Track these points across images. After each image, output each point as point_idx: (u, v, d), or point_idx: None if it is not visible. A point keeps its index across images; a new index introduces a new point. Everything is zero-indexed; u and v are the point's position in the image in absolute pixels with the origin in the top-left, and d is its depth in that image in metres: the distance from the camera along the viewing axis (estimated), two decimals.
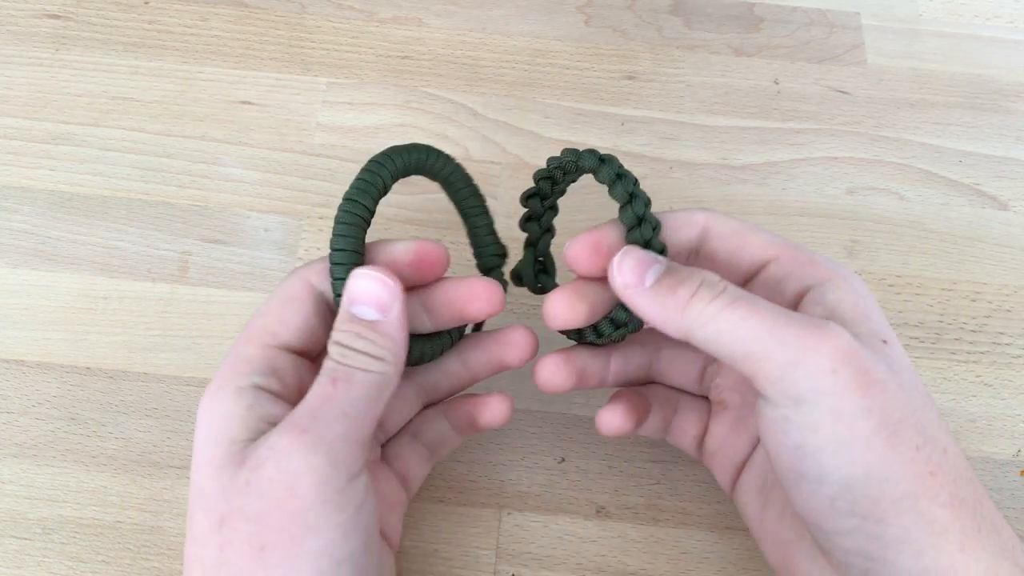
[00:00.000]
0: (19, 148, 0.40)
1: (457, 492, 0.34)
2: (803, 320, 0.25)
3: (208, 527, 0.25)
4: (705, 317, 0.25)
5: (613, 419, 0.30)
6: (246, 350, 0.27)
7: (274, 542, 0.24)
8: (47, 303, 0.37)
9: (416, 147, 0.30)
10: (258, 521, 0.24)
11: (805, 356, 0.24)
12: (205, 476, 0.25)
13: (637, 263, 0.27)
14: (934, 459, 0.24)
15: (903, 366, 0.25)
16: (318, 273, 0.28)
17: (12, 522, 0.33)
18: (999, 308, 0.39)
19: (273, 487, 0.24)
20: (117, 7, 0.44)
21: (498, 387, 0.36)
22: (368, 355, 0.26)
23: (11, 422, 0.34)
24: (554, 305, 0.28)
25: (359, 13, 0.45)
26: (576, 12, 0.46)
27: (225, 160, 0.40)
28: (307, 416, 0.25)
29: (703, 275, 0.26)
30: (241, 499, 0.24)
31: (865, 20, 0.46)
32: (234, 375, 0.26)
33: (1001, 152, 0.42)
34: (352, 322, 0.26)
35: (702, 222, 0.28)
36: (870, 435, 0.24)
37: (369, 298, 0.26)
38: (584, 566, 0.33)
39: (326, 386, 0.25)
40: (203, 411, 0.26)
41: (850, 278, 0.27)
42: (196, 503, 0.25)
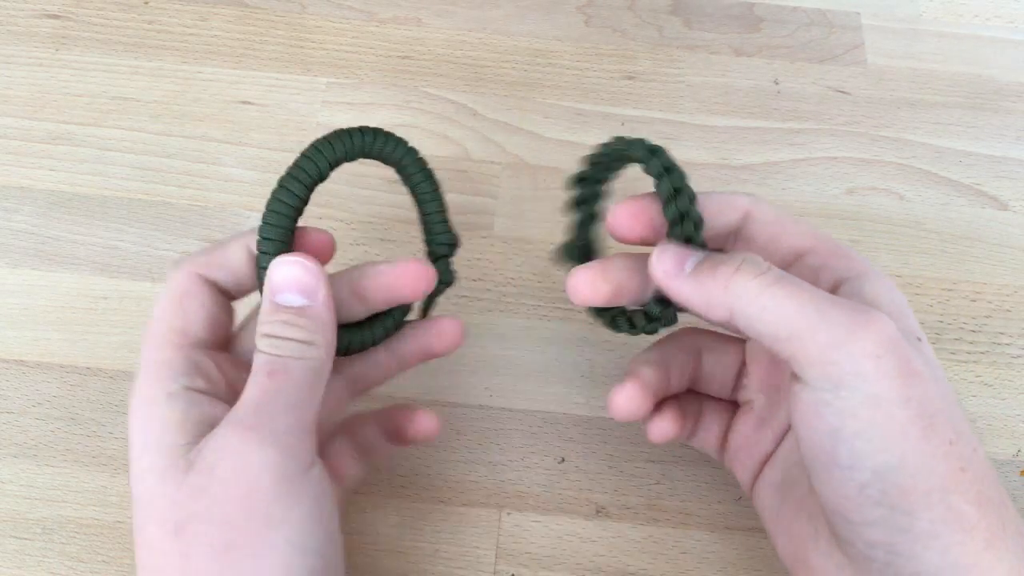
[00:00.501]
0: (19, 148, 0.40)
1: (457, 492, 0.34)
2: (849, 304, 0.24)
3: (164, 536, 0.24)
4: (751, 293, 0.25)
5: (665, 426, 0.30)
6: (161, 354, 0.26)
7: (239, 541, 0.24)
8: (47, 303, 0.37)
9: (363, 130, 0.29)
10: (220, 523, 0.24)
11: (850, 338, 0.24)
12: (149, 485, 0.25)
13: (678, 252, 0.27)
14: (966, 455, 0.24)
15: (936, 364, 0.26)
16: (204, 264, 0.27)
17: (12, 522, 0.33)
18: (999, 308, 0.39)
19: (229, 487, 0.24)
20: (117, 7, 0.44)
21: (497, 387, 0.36)
22: (300, 342, 0.26)
23: (11, 422, 0.34)
24: (577, 281, 0.28)
25: (359, 13, 0.45)
26: (576, 12, 0.46)
27: (225, 160, 0.40)
28: (252, 412, 0.25)
29: (747, 255, 0.26)
30: (196, 504, 0.24)
31: (865, 20, 0.46)
32: (159, 381, 0.25)
33: (1001, 152, 0.42)
34: (279, 311, 0.26)
35: (744, 207, 0.28)
36: (907, 424, 0.24)
37: (293, 284, 0.26)
38: (584, 566, 0.33)
39: (264, 380, 0.25)
40: (135, 421, 0.25)
41: (883, 276, 0.27)
42: (144, 513, 0.25)
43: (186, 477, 0.24)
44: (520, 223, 0.40)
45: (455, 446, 0.35)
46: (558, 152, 0.41)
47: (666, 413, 0.30)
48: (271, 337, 0.26)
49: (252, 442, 0.24)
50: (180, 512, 0.24)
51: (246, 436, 0.24)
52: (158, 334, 0.26)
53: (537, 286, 0.38)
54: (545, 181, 0.41)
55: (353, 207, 0.39)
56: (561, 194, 0.40)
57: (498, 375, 0.36)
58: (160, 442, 0.25)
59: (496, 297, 0.38)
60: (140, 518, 0.25)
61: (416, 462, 0.34)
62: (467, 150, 0.41)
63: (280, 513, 0.24)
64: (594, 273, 0.28)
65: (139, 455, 0.25)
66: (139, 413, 0.25)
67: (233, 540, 0.24)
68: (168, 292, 0.27)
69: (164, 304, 0.27)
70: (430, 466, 0.34)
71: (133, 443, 0.25)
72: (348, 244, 0.39)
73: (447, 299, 0.37)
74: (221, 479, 0.24)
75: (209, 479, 0.24)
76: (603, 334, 0.37)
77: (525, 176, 0.41)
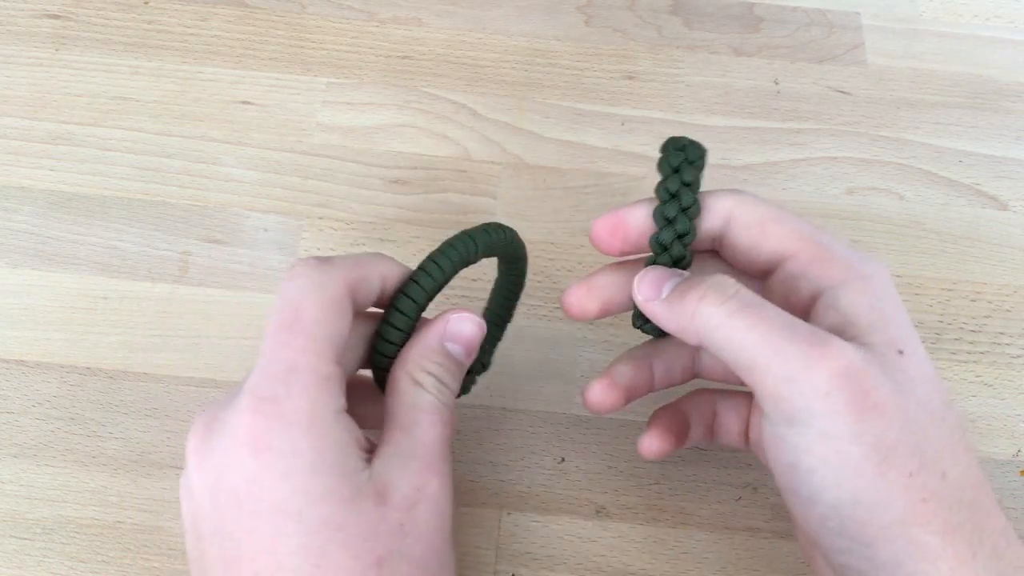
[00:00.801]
0: (19, 148, 0.40)
1: (458, 492, 0.34)
2: (807, 334, 0.24)
3: (362, 567, 0.23)
4: (714, 322, 0.25)
5: (652, 443, 0.30)
6: (324, 368, 0.24)
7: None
8: (47, 303, 0.37)
9: (506, 230, 0.29)
10: (419, 565, 0.24)
11: (800, 374, 0.24)
12: (334, 510, 0.23)
13: (657, 277, 0.27)
14: (929, 485, 0.24)
15: (920, 377, 0.25)
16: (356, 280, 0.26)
17: (12, 522, 0.33)
18: (999, 308, 0.39)
19: (430, 532, 0.25)
20: (117, 7, 0.44)
21: (497, 387, 0.36)
22: (453, 394, 0.27)
23: (11, 422, 0.34)
24: (567, 298, 0.29)
25: (359, 13, 0.45)
26: (576, 12, 0.46)
27: (225, 160, 0.40)
28: (441, 460, 0.26)
29: (715, 279, 0.26)
30: (398, 541, 0.24)
31: (865, 20, 0.46)
32: (328, 397, 0.24)
33: (1001, 152, 0.42)
34: (449, 358, 0.27)
35: (727, 211, 0.28)
36: (860, 461, 0.23)
37: (467, 342, 0.28)
38: (584, 566, 0.33)
39: (443, 428, 0.26)
40: (300, 437, 0.23)
41: (872, 277, 0.26)
42: (327, 536, 0.23)
43: (384, 510, 0.24)
44: (520, 223, 0.39)
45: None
46: (558, 152, 0.42)
47: (653, 430, 0.30)
48: (439, 382, 0.27)
49: (446, 490, 0.25)
50: (381, 546, 0.24)
51: (443, 483, 0.25)
52: (320, 344, 0.24)
53: (537, 286, 0.38)
54: (545, 181, 0.41)
55: (353, 207, 0.40)
56: (561, 194, 0.41)
57: (498, 375, 0.36)
58: (341, 465, 0.24)
59: None
60: (312, 541, 0.23)
61: None
62: (467, 150, 0.41)
63: (449, 559, 0.26)
64: (581, 292, 0.29)
65: (305, 472, 0.23)
66: (305, 425, 0.24)
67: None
68: (325, 299, 0.25)
69: (324, 312, 0.25)
70: None
71: (294, 455, 0.23)
72: (348, 244, 0.39)
73: (449, 288, 0.37)
74: (423, 521, 0.24)
75: (410, 518, 0.24)
76: (603, 334, 0.37)
77: (525, 176, 0.41)
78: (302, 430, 0.24)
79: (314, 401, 0.24)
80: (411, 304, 0.27)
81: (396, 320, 0.27)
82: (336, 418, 0.24)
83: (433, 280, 0.27)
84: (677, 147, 0.28)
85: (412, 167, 0.41)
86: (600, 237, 0.29)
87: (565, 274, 0.38)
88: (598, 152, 0.42)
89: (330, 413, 0.24)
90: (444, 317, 0.28)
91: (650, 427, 0.30)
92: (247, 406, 0.24)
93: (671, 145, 0.28)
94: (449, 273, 0.27)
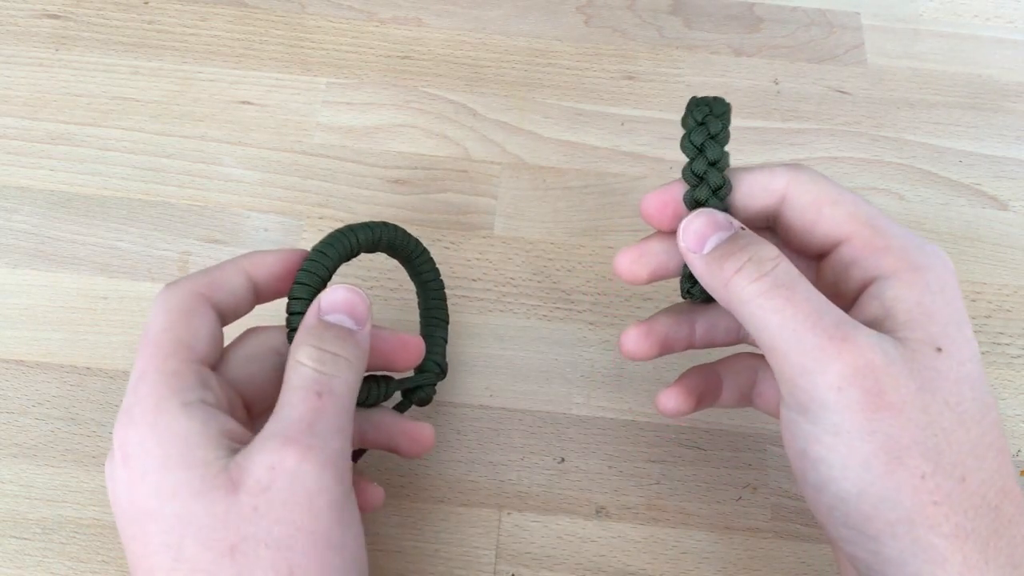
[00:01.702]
0: (19, 148, 0.40)
1: (457, 492, 0.34)
2: (830, 325, 0.24)
3: (214, 557, 0.23)
4: (744, 296, 0.24)
5: (670, 399, 0.30)
6: (169, 365, 0.25)
7: (303, 565, 0.23)
8: (47, 303, 0.37)
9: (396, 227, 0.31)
10: (281, 547, 0.23)
11: (816, 366, 0.23)
12: (184, 504, 0.23)
13: (703, 226, 0.26)
14: (943, 488, 0.23)
15: (955, 377, 0.24)
16: (206, 285, 0.27)
17: (12, 522, 0.33)
18: (999, 308, 0.39)
19: (290, 510, 0.23)
20: (117, 7, 0.44)
21: (497, 387, 0.36)
22: (347, 360, 0.26)
23: (11, 422, 0.34)
24: (618, 263, 0.28)
25: (359, 13, 0.45)
26: (576, 12, 0.46)
27: (225, 160, 0.40)
28: (305, 431, 0.24)
29: (756, 250, 0.25)
30: (252, 525, 0.23)
31: (865, 20, 0.46)
32: (171, 392, 0.25)
33: (1001, 152, 0.42)
34: (328, 328, 0.26)
35: (781, 188, 0.27)
36: (868, 457, 0.23)
37: (345, 306, 0.26)
38: (584, 566, 0.33)
39: (314, 399, 0.25)
40: (146, 436, 0.24)
41: (925, 269, 0.25)
42: (181, 531, 0.23)
43: (234, 496, 0.23)
44: (520, 223, 0.40)
45: (455, 446, 0.35)
46: (558, 152, 0.42)
47: (676, 386, 0.30)
48: (319, 350, 0.25)
49: (310, 464, 0.24)
50: (232, 534, 0.23)
51: (303, 457, 0.24)
52: (164, 345, 0.25)
53: (537, 286, 0.38)
54: (545, 181, 0.41)
55: (353, 207, 0.39)
56: (561, 194, 0.41)
57: (498, 375, 0.36)
58: (189, 456, 0.24)
59: (496, 297, 0.38)
60: (170, 537, 0.24)
61: (416, 462, 0.34)
62: (467, 150, 0.41)
63: (338, 537, 0.24)
64: (632, 256, 0.28)
65: (156, 470, 0.24)
66: (149, 423, 0.24)
67: (296, 563, 0.23)
68: (171, 308, 0.26)
69: (170, 318, 0.26)
70: (430, 466, 0.34)
71: (144, 455, 0.24)
72: None
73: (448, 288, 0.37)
74: (279, 501, 0.23)
75: (264, 500, 0.23)
76: (603, 334, 0.37)
77: (525, 176, 0.41)
78: (148, 428, 0.24)
79: (158, 398, 0.24)
80: (300, 302, 0.27)
81: (293, 306, 0.28)
82: (184, 410, 0.24)
83: (315, 275, 0.28)
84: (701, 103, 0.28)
85: (412, 167, 0.41)
86: (650, 214, 0.28)
87: (565, 274, 0.38)
88: (598, 152, 0.42)
89: (176, 406, 0.24)
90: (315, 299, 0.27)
91: (675, 383, 0.30)
92: (116, 424, 0.25)
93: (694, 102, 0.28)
94: (330, 266, 0.28)
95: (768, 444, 0.35)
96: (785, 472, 0.35)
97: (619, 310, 0.38)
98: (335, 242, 0.29)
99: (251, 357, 0.28)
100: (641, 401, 0.36)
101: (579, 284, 0.38)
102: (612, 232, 0.39)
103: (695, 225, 0.26)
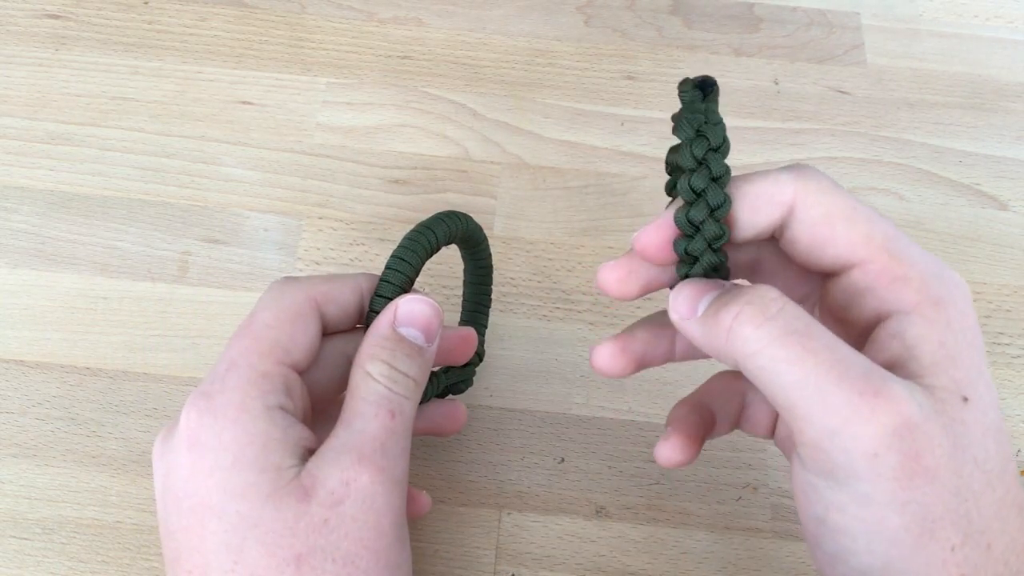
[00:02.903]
0: (19, 148, 0.40)
1: (457, 492, 0.34)
2: (860, 377, 0.21)
3: (277, 564, 0.23)
4: (751, 347, 0.22)
5: (673, 453, 0.27)
6: (262, 364, 0.25)
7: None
8: (47, 303, 0.37)
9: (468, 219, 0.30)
10: (347, 563, 0.23)
11: (847, 429, 0.21)
12: (252, 506, 0.23)
13: (692, 293, 0.24)
14: (971, 559, 0.21)
15: (981, 430, 0.22)
16: (323, 293, 0.26)
17: (12, 522, 0.33)
18: (999, 308, 0.39)
19: (359, 527, 0.23)
20: (117, 7, 0.44)
21: (497, 387, 0.36)
22: (415, 382, 0.26)
23: (11, 422, 0.34)
24: (605, 279, 0.26)
25: (359, 13, 0.45)
26: (576, 12, 0.46)
27: (225, 160, 0.40)
28: (379, 452, 0.24)
29: (754, 293, 0.22)
30: (321, 538, 0.23)
31: (865, 20, 0.46)
32: (259, 393, 0.24)
33: (1001, 152, 0.42)
34: (402, 343, 0.26)
35: (788, 199, 0.23)
36: (899, 530, 0.21)
37: (422, 323, 0.26)
38: (584, 566, 0.33)
39: (387, 419, 0.25)
40: (225, 429, 0.23)
41: (946, 304, 0.23)
42: (245, 533, 0.23)
43: (307, 507, 0.23)
44: (520, 223, 0.40)
45: (455, 446, 0.35)
46: (558, 152, 0.42)
47: (673, 437, 0.27)
48: (392, 368, 0.25)
49: (381, 484, 0.24)
50: (300, 543, 0.23)
51: (376, 477, 0.24)
52: (264, 344, 0.25)
53: (537, 286, 0.38)
54: (545, 181, 0.41)
55: (353, 207, 0.39)
56: (561, 194, 0.41)
57: (498, 375, 0.36)
58: (262, 460, 0.23)
59: (496, 297, 0.38)
60: (231, 538, 0.23)
61: (416, 462, 0.34)
62: (467, 150, 0.41)
63: (397, 557, 0.24)
64: (621, 272, 0.26)
65: (227, 466, 0.23)
66: (232, 418, 0.24)
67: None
68: (284, 307, 0.26)
69: (277, 316, 0.25)
70: (430, 466, 0.34)
71: (219, 449, 0.23)
72: (348, 244, 0.39)
73: (448, 288, 0.37)
74: (350, 516, 0.23)
75: (335, 514, 0.23)
76: (603, 334, 0.37)
77: (525, 176, 0.41)
78: (228, 423, 0.24)
79: (244, 395, 0.24)
80: (383, 301, 0.27)
81: (375, 304, 0.27)
82: (266, 413, 0.24)
83: (402, 274, 0.27)
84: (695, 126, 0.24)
85: (412, 167, 0.41)
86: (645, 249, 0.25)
87: (565, 274, 0.38)
88: (598, 152, 0.42)
89: (260, 408, 0.24)
90: (393, 303, 0.26)
91: (669, 432, 0.27)
92: (189, 403, 0.24)
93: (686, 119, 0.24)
94: (416, 265, 0.28)
95: (768, 444, 0.35)
96: (785, 472, 0.35)
97: (619, 310, 0.38)
98: (419, 239, 0.28)
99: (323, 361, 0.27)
100: (641, 401, 0.36)
101: (579, 284, 0.38)
102: (612, 232, 0.39)
103: (685, 292, 0.24)
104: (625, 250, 0.28)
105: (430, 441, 0.35)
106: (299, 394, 0.26)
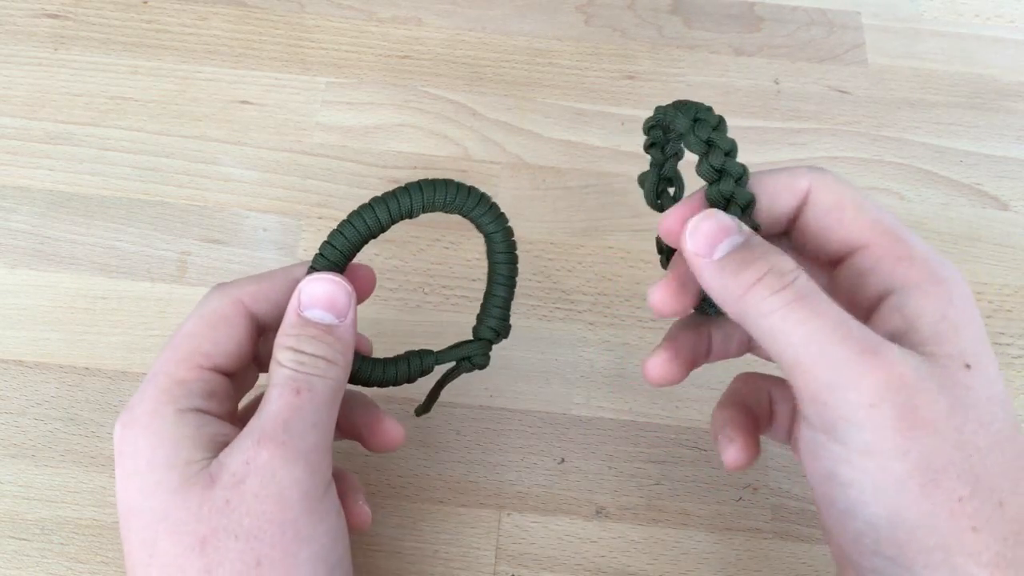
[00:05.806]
0: (18, 148, 0.40)
1: (457, 493, 0.34)
2: (859, 338, 0.22)
3: (183, 551, 0.24)
4: (764, 308, 0.23)
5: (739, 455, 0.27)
6: (178, 371, 0.26)
7: (270, 556, 0.24)
8: (46, 303, 0.37)
9: (448, 184, 0.28)
10: (250, 538, 0.24)
11: (847, 382, 0.22)
12: (162, 499, 0.24)
13: (713, 230, 0.24)
14: (982, 513, 0.22)
15: (985, 396, 0.23)
16: (251, 294, 0.27)
17: (10, 522, 0.33)
18: (999, 308, 0.38)
19: (260, 502, 0.24)
20: (116, 7, 0.44)
21: (497, 387, 0.36)
22: (326, 360, 0.26)
23: (10, 422, 0.34)
24: (658, 299, 0.26)
25: (359, 13, 0.45)
26: (576, 12, 0.46)
27: (224, 160, 0.40)
28: (280, 428, 0.24)
29: (775, 260, 0.23)
30: (223, 518, 0.24)
31: (865, 20, 0.46)
32: (170, 398, 0.25)
33: (1001, 152, 0.42)
34: (307, 326, 0.26)
35: (804, 189, 0.25)
36: (903, 478, 0.22)
37: (325, 301, 0.26)
38: (584, 567, 0.33)
39: (290, 396, 0.25)
40: (139, 436, 0.25)
41: (948, 282, 0.24)
42: (153, 529, 0.24)
43: (209, 492, 0.24)
44: (520, 223, 0.39)
45: (455, 446, 0.35)
46: (558, 152, 0.41)
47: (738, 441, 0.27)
48: (297, 352, 0.26)
49: (281, 458, 0.24)
50: (204, 526, 0.24)
51: (276, 452, 0.24)
52: (182, 351, 0.26)
53: (537, 286, 0.38)
54: (545, 181, 0.41)
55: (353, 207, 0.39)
56: (561, 194, 0.41)
57: (498, 375, 0.36)
58: (172, 458, 0.24)
59: None
60: (147, 534, 0.24)
61: (416, 462, 0.34)
62: (467, 150, 0.41)
63: (308, 529, 0.24)
64: (670, 288, 0.26)
65: (144, 471, 0.25)
66: (144, 427, 0.25)
67: (264, 555, 0.24)
68: (205, 313, 0.27)
69: (197, 323, 0.27)
70: (430, 466, 0.34)
71: (134, 459, 0.25)
72: None
73: (447, 288, 0.37)
74: (251, 493, 0.24)
75: (237, 493, 0.24)
76: (603, 334, 0.37)
77: (525, 176, 0.41)
78: (141, 429, 0.25)
79: (156, 402, 0.25)
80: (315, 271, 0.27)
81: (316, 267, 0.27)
82: (178, 416, 0.25)
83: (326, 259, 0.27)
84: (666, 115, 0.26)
85: (412, 167, 0.41)
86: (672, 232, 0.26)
87: (565, 274, 0.38)
88: (598, 152, 0.42)
89: (171, 412, 0.25)
90: (296, 289, 0.27)
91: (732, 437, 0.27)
92: (118, 419, 0.26)
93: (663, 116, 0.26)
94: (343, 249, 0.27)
95: (768, 445, 0.35)
96: (785, 472, 0.35)
97: (619, 310, 0.38)
98: (353, 221, 0.27)
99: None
100: (641, 401, 0.36)
101: (579, 284, 0.38)
102: (612, 232, 0.39)
103: (704, 228, 0.24)
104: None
105: (430, 441, 0.35)
106: (227, 396, 0.27)
